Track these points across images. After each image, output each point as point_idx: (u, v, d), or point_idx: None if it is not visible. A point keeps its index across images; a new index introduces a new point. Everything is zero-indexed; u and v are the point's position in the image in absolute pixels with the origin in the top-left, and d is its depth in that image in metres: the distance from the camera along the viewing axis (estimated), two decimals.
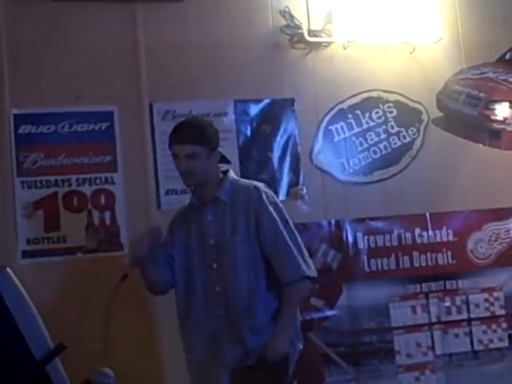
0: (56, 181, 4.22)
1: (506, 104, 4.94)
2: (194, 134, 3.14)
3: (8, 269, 2.38)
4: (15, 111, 4.18)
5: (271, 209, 3.15)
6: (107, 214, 4.26)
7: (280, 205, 3.23)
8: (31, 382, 2.35)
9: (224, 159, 3.32)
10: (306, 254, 3.17)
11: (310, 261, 3.17)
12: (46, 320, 2.52)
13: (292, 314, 3.15)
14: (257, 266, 3.13)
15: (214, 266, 3.15)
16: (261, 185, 3.26)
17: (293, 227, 3.21)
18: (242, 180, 3.33)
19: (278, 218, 3.15)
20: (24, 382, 2.34)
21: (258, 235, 3.13)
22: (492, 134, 4.94)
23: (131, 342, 3.98)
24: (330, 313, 4.47)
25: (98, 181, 4.28)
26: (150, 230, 3.27)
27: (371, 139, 4.75)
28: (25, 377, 2.34)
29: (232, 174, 3.31)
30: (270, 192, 3.25)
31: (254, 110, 4.57)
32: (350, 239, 4.59)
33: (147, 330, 4.13)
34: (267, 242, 3.13)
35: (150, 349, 4.10)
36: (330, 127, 4.69)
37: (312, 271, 3.15)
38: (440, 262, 4.70)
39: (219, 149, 3.27)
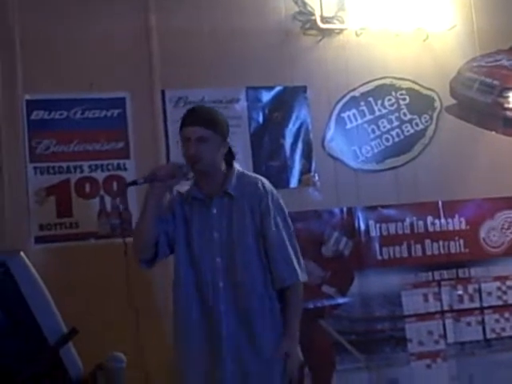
0: (68, 167, 4.23)
1: None
2: (208, 118, 3.07)
3: (22, 253, 2.38)
4: (28, 97, 4.20)
5: (276, 211, 3.11)
6: (119, 200, 4.27)
7: (282, 205, 3.18)
8: (45, 365, 2.36)
9: (230, 153, 3.21)
10: (300, 258, 3.14)
11: (303, 265, 3.14)
12: (58, 305, 2.52)
13: (298, 315, 3.11)
14: (264, 268, 3.09)
15: (218, 259, 3.07)
16: (266, 183, 3.18)
17: (292, 229, 3.17)
18: (248, 174, 3.24)
19: (280, 222, 3.11)
20: (38, 365, 2.34)
21: (262, 234, 3.09)
22: (506, 122, 4.91)
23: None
24: (341, 300, 4.45)
25: (110, 167, 4.29)
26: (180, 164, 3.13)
27: (383, 126, 4.73)
28: (38, 361, 2.35)
29: (237, 167, 3.22)
30: (275, 191, 3.19)
31: (266, 97, 4.56)
32: (362, 227, 4.57)
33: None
34: (268, 243, 3.08)
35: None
36: (343, 114, 4.68)
37: (305, 276, 3.14)
38: (452, 250, 4.67)
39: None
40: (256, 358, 3.02)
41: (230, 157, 3.19)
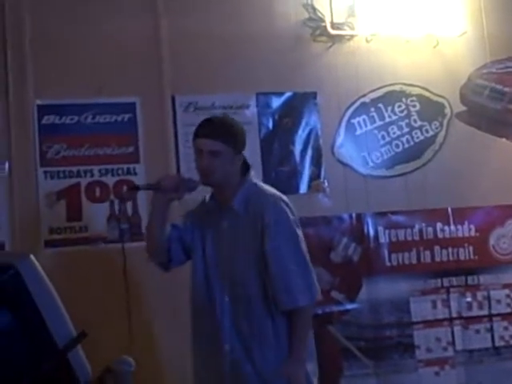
0: (79, 171, 4.25)
1: None
2: (221, 131, 2.97)
3: (32, 256, 2.38)
4: (39, 102, 4.21)
5: (278, 230, 2.94)
6: (129, 205, 4.28)
7: (290, 222, 2.99)
8: (53, 368, 2.36)
9: (245, 164, 3.11)
10: (309, 277, 2.96)
11: (313, 285, 2.97)
12: (67, 308, 2.52)
13: (303, 339, 2.98)
14: (266, 288, 2.97)
15: (225, 275, 3.01)
16: (274, 199, 3.02)
17: (301, 247, 2.99)
18: (262, 188, 3.10)
19: (283, 242, 2.95)
20: (46, 368, 2.34)
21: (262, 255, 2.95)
22: None
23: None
24: (350, 306, 4.46)
25: (120, 171, 4.31)
26: (187, 178, 3.10)
27: (393, 133, 4.73)
28: (47, 364, 2.34)
29: (251, 179, 3.09)
30: (283, 206, 3.00)
31: (275, 102, 4.57)
32: (371, 233, 4.58)
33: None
34: (268, 266, 2.94)
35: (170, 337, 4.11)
36: (352, 120, 4.68)
37: (313, 297, 2.97)
38: (461, 257, 4.68)
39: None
40: (256, 376, 2.95)
41: (244, 167, 3.10)
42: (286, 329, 2.97)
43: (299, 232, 3.01)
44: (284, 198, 3.05)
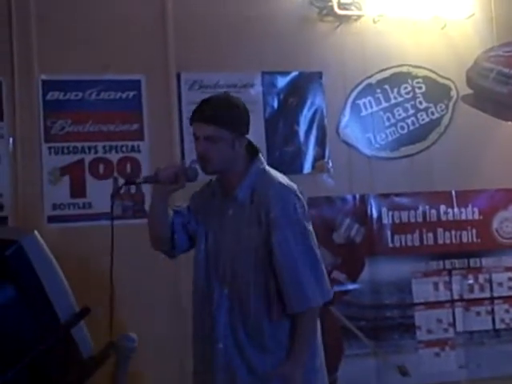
0: (83, 147, 4.24)
1: None
2: (218, 114, 2.67)
3: (36, 232, 2.39)
4: (44, 77, 4.21)
5: (286, 222, 2.69)
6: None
7: (298, 213, 2.72)
8: (56, 344, 2.37)
9: (253, 147, 2.85)
10: (320, 276, 2.72)
11: (324, 285, 2.73)
12: (70, 284, 2.53)
13: (306, 342, 2.74)
14: (266, 285, 2.73)
15: (225, 267, 2.77)
16: (282, 187, 2.76)
17: (310, 243, 2.74)
18: (271, 176, 2.80)
19: (292, 236, 2.70)
20: (49, 344, 2.36)
21: (269, 250, 2.71)
22: None
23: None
24: (351, 287, 4.48)
25: (124, 148, 4.30)
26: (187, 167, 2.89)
27: (399, 114, 4.72)
28: (50, 339, 2.36)
29: (259, 165, 2.81)
30: (297, 200, 2.75)
31: (281, 82, 4.55)
32: (375, 214, 4.59)
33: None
34: (276, 264, 2.70)
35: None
36: (358, 101, 4.67)
37: (324, 297, 2.74)
38: (464, 239, 4.69)
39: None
40: (250, 377, 2.74)
41: (252, 150, 2.83)
42: (286, 328, 2.74)
43: (309, 227, 2.75)
44: (295, 187, 2.79)
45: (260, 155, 2.84)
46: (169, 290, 4.19)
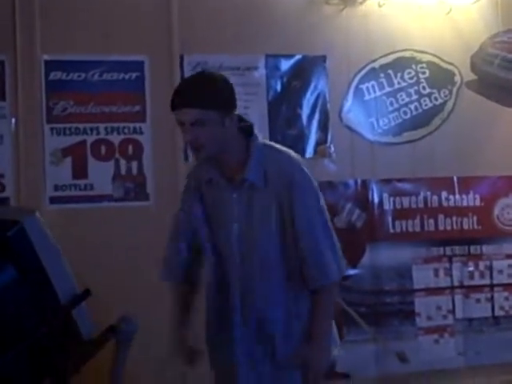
0: (85, 128, 4.23)
1: None
2: (198, 96, 2.45)
3: (37, 213, 2.38)
4: (46, 57, 4.19)
5: (308, 198, 2.57)
6: (134, 164, 4.28)
7: (315, 187, 2.62)
8: (57, 326, 2.37)
9: (244, 122, 2.64)
10: (338, 250, 2.61)
11: (341, 259, 2.61)
12: (71, 266, 2.53)
13: (328, 319, 2.62)
14: (286, 266, 2.61)
15: (237, 258, 2.63)
16: (295, 161, 2.62)
17: (327, 217, 2.63)
18: (272, 148, 2.65)
19: (315, 213, 2.58)
20: (49, 325, 2.36)
21: (291, 223, 2.57)
22: None
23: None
24: (352, 272, 4.46)
25: (126, 130, 4.29)
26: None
27: (402, 99, 4.70)
28: (50, 320, 2.36)
29: (258, 141, 2.62)
30: (304, 168, 2.62)
31: (284, 65, 4.54)
32: (376, 199, 4.59)
33: None
34: (299, 240, 2.57)
35: None
36: (361, 86, 4.65)
37: (342, 271, 2.63)
38: (465, 226, 4.69)
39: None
40: (271, 364, 2.62)
41: (245, 126, 2.63)
42: (306, 302, 2.62)
43: (323, 202, 2.64)
44: (300, 158, 2.66)
45: (254, 130, 2.64)
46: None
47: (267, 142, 2.71)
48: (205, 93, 2.47)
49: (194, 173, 2.76)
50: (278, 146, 2.69)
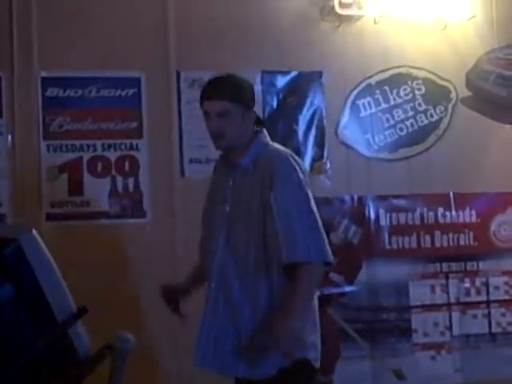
0: (81, 145, 4.23)
1: None
2: (227, 90, 2.79)
3: (34, 230, 2.38)
4: (43, 74, 4.19)
5: (286, 184, 2.73)
6: (131, 180, 4.27)
7: (300, 178, 2.75)
8: (53, 343, 2.36)
9: (259, 121, 2.94)
10: (320, 236, 2.69)
11: (317, 242, 2.68)
12: (67, 283, 2.52)
13: (301, 296, 2.64)
14: (264, 244, 2.74)
15: (222, 236, 2.81)
16: (287, 153, 2.83)
17: (308, 205, 2.73)
18: (272, 146, 2.89)
19: (290, 196, 2.72)
20: (45, 343, 2.35)
21: (270, 209, 2.72)
22: None
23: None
24: (348, 288, 4.47)
25: (122, 147, 4.29)
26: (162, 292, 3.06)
27: (398, 116, 4.70)
28: (46, 338, 2.35)
29: (263, 138, 2.90)
30: (295, 162, 2.79)
31: (281, 81, 4.54)
32: (372, 216, 4.58)
33: None
34: (274, 220, 2.70)
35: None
36: (357, 102, 4.66)
37: (319, 254, 2.67)
38: (462, 242, 4.68)
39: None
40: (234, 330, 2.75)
41: (258, 125, 2.92)
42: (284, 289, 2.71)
43: (309, 191, 2.77)
44: (295, 156, 2.86)
45: (264, 129, 2.92)
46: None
47: (271, 142, 2.92)
48: (233, 88, 2.81)
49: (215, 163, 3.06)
50: (276, 144, 2.91)
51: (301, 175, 2.78)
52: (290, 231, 2.67)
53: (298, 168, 2.79)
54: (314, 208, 2.75)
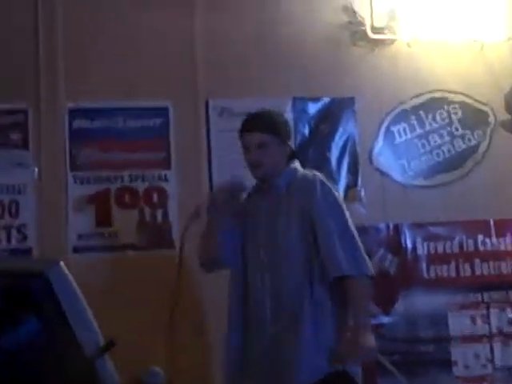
0: (108, 176, 4.19)
1: None
2: (265, 123, 3.08)
3: (61, 263, 2.33)
4: (70, 105, 4.17)
5: (324, 201, 2.98)
6: (159, 212, 4.22)
7: (336, 197, 3.05)
8: (80, 377, 2.30)
9: (293, 155, 3.20)
10: (356, 250, 2.96)
11: (357, 258, 2.95)
12: (95, 316, 2.47)
13: (361, 308, 2.94)
14: (308, 270, 2.96)
15: (264, 261, 3.03)
16: (318, 174, 3.08)
17: (349, 222, 3.02)
18: (303, 171, 3.15)
19: (330, 212, 2.97)
20: (72, 377, 2.28)
21: (312, 231, 2.97)
22: None
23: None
24: (385, 320, 4.37)
25: (150, 177, 4.24)
26: (230, 181, 3.20)
27: (434, 141, 4.61)
28: (73, 372, 2.29)
29: (295, 165, 3.16)
30: (328, 183, 3.07)
31: (312, 108, 4.47)
32: (409, 244, 4.49)
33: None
34: (318, 238, 2.95)
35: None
36: (392, 128, 4.57)
37: (361, 268, 2.93)
38: (503, 270, 4.57)
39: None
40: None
41: (292, 157, 3.17)
42: (327, 310, 2.93)
43: (345, 208, 3.04)
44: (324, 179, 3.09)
45: (296, 159, 3.17)
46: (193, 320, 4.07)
47: (300, 167, 3.17)
48: (271, 122, 3.11)
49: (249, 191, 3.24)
50: (308, 171, 3.16)
51: (336, 194, 3.08)
52: (332, 250, 2.90)
53: (333, 188, 3.08)
54: (351, 222, 3.04)
